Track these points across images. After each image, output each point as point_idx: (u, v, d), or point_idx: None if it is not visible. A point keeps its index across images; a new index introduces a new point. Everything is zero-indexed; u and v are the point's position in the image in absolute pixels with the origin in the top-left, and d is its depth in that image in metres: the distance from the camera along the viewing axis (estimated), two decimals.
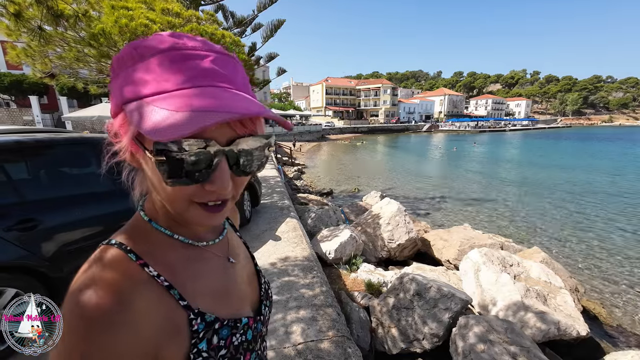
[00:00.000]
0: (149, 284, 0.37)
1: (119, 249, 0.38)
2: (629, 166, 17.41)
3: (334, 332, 2.00)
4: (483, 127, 66.30)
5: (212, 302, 0.43)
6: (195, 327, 0.39)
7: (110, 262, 0.37)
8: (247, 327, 0.47)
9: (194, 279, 0.43)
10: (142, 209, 0.44)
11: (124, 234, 0.41)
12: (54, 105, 22.80)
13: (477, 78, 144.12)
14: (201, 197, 0.36)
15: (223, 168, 0.35)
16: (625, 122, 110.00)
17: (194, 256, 0.45)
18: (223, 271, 0.49)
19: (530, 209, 8.93)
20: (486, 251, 3.58)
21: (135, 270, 0.37)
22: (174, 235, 0.43)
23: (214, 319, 0.41)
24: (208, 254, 0.47)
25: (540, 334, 2.59)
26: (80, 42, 3.77)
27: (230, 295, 0.48)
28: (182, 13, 4.08)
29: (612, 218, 8.07)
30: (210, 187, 0.35)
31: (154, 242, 0.42)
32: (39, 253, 2.02)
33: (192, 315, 0.39)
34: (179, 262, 0.42)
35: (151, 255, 0.39)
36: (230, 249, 0.53)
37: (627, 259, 5.68)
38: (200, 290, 0.42)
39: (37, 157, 2.21)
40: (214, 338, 0.41)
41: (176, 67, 0.34)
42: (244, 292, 0.52)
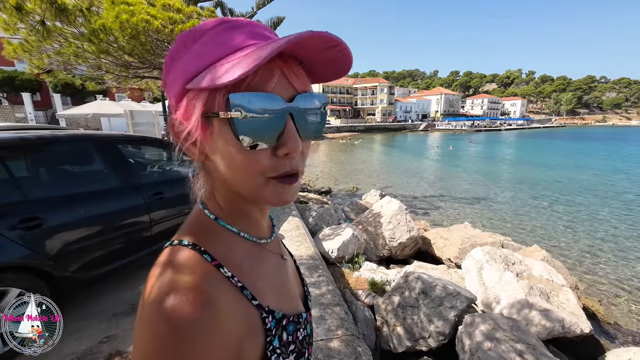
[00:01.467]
0: (226, 285, 0.37)
1: (193, 250, 0.37)
2: (622, 165, 17.67)
3: (343, 331, 1.99)
4: (479, 126, 66.75)
5: (276, 300, 0.44)
6: (268, 325, 0.39)
7: (188, 264, 0.35)
8: (306, 322, 0.48)
9: (259, 277, 0.43)
10: (205, 207, 0.43)
11: (192, 233, 0.40)
12: (47, 103, 22.47)
13: (473, 77, 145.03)
14: (275, 168, 0.36)
15: (290, 126, 0.36)
16: (618, 122, 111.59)
17: (256, 254, 0.45)
18: (279, 268, 0.49)
19: (527, 208, 9.01)
20: (489, 249, 3.60)
21: (213, 272, 0.36)
22: (240, 233, 0.43)
23: (282, 316, 0.42)
24: (267, 251, 0.47)
25: (545, 331, 2.62)
26: (80, 37, 3.71)
27: (288, 292, 0.49)
28: (184, 9, 4.03)
29: (605, 216, 8.19)
30: (283, 149, 0.35)
31: (222, 240, 0.41)
32: (42, 252, 1.99)
33: (264, 314, 0.39)
34: (245, 261, 0.42)
35: (222, 255, 0.39)
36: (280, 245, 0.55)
37: (622, 256, 5.77)
38: (265, 288, 0.43)
39: (40, 154, 2.17)
40: (284, 334, 0.42)
41: (229, 35, 0.36)
42: (295, 288, 0.54)
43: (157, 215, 2.72)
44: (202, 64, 0.35)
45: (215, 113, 0.34)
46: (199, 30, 0.36)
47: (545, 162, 19.48)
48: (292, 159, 0.37)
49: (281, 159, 0.36)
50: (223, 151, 0.36)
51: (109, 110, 11.50)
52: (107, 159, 2.57)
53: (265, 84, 0.34)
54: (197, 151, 0.38)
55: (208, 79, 0.32)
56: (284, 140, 0.35)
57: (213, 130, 0.36)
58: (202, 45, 0.35)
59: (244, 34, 0.36)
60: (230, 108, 0.33)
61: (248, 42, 0.35)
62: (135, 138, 2.94)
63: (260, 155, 0.36)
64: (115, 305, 2.48)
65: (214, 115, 0.34)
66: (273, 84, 0.34)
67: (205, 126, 0.36)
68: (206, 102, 0.34)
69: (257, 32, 0.37)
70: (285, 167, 0.37)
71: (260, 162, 0.36)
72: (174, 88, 0.37)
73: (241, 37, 0.35)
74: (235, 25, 0.37)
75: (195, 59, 0.35)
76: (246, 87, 0.33)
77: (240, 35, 0.36)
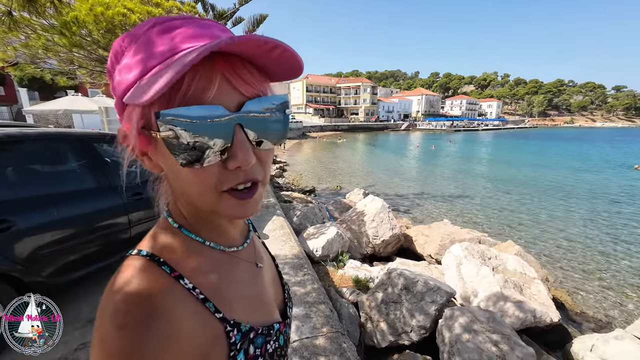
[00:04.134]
0: (185, 297, 0.35)
1: (151, 261, 0.36)
2: (587, 165, 18.85)
3: (328, 328, 2.02)
4: (458, 126, 68.98)
5: (245, 310, 0.42)
6: (232, 339, 0.37)
7: (143, 276, 0.34)
8: (278, 333, 0.46)
9: (227, 288, 0.41)
10: (169, 215, 0.41)
11: (153, 243, 0.39)
12: (11, 97, 21.07)
13: (452, 79, 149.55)
14: (228, 180, 0.34)
15: (240, 137, 0.32)
16: (584, 124, 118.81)
17: (224, 263, 0.43)
18: (253, 277, 0.47)
19: (502, 205, 9.43)
20: (467, 245, 3.75)
21: (169, 284, 0.35)
22: (205, 242, 0.41)
23: (249, 329, 0.40)
24: (237, 260, 0.45)
25: (518, 322, 2.77)
26: (50, 30, 3.51)
27: (261, 302, 0.47)
28: (163, 3, 3.91)
29: (574, 212, 8.71)
30: (234, 163, 0.33)
31: (185, 250, 0.39)
32: (11, 257, 1.87)
33: (228, 327, 0.37)
34: (211, 271, 0.40)
35: (183, 266, 0.37)
36: (256, 252, 0.52)
37: (588, 250, 6.16)
38: (233, 299, 0.41)
39: (9, 153, 2.04)
40: (250, 348, 0.40)
41: (162, 39, 0.32)
42: (271, 297, 0.51)
43: (136, 216, 2.63)
44: (134, 74, 0.31)
45: (150, 129, 0.32)
46: (133, 35, 0.33)
47: (520, 161, 20.44)
48: (247, 171, 0.34)
49: (233, 171, 0.34)
50: (170, 166, 0.34)
51: (81, 106, 10.91)
52: (82, 158, 2.46)
53: (204, 93, 0.30)
54: (152, 164, 0.37)
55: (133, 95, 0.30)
56: (234, 152, 0.32)
57: (158, 144, 0.33)
58: (134, 53, 0.32)
59: (178, 37, 0.32)
60: (160, 127, 0.30)
61: (182, 46, 0.31)
62: (111, 136, 2.83)
63: (208, 170, 0.33)
64: (91, 311, 2.38)
65: (148, 133, 0.32)
66: (212, 93, 0.30)
67: (150, 140, 0.33)
68: (143, 116, 0.32)
69: (194, 33, 0.33)
70: (238, 178, 0.34)
71: (209, 176, 0.33)
72: (116, 99, 0.35)
73: (175, 40, 0.32)
74: (170, 26, 0.33)
75: (127, 68, 0.32)
76: (182, 100, 0.30)
77: (174, 38, 0.32)
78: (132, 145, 0.34)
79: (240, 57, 0.33)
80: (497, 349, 2.23)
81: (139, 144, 0.34)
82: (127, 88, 0.32)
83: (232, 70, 0.32)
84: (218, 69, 0.31)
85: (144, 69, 0.31)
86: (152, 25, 0.33)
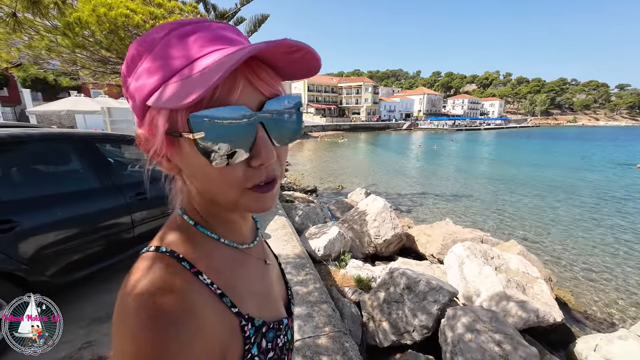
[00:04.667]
0: (205, 292, 0.36)
1: (171, 257, 0.37)
2: (589, 164, 18.74)
3: (331, 328, 2.03)
4: (460, 125, 68.78)
5: (257, 306, 0.44)
6: (247, 333, 0.39)
7: (166, 272, 0.35)
8: (287, 328, 0.48)
9: (240, 283, 0.43)
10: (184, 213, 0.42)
11: (170, 240, 0.40)
12: (15, 98, 21.20)
13: (454, 78, 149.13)
14: (251, 178, 0.36)
15: (262, 136, 0.34)
16: (587, 123, 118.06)
17: (238, 260, 0.44)
18: (262, 273, 0.49)
19: (504, 204, 9.40)
20: (469, 245, 3.74)
21: (191, 279, 0.36)
22: (220, 239, 0.42)
23: (262, 323, 0.42)
24: (249, 257, 0.47)
25: (521, 321, 2.76)
26: (53, 31, 3.53)
27: (270, 298, 0.49)
28: (165, 4, 3.92)
29: (578, 211, 8.66)
30: (257, 160, 0.34)
31: (201, 247, 0.41)
32: (16, 256, 1.89)
33: (243, 322, 0.39)
34: (226, 267, 0.42)
35: (201, 262, 0.38)
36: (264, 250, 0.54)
37: (592, 249, 6.14)
38: (245, 294, 0.42)
39: (13, 153, 2.06)
40: (263, 341, 0.41)
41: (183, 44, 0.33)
42: (278, 293, 0.53)
43: (139, 216, 2.65)
44: (157, 79, 0.32)
45: (178, 132, 0.33)
46: (151, 40, 0.34)
47: (522, 160, 20.35)
48: (267, 168, 0.36)
49: (256, 169, 0.35)
50: (195, 166, 0.35)
51: (84, 107, 10.97)
52: (85, 159, 2.47)
53: (229, 95, 0.32)
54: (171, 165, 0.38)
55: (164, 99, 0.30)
56: (257, 150, 0.34)
57: (182, 146, 0.34)
58: (155, 58, 0.33)
59: (198, 41, 0.33)
60: (193, 129, 0.31)
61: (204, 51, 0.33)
62: (114, 136, 2.85)
63: (234, 168, 0.34)
64: (95, 309, 2.39)
65: (178, 134, 0.33)
66: (237, 94, 0.32)
67: (173, 142, 0.35)
68: (169, 120, 0.33)
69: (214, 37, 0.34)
70: (261, 176, 0.36)
71: (234, 174, 0.35)
72: (134, 102, 0.35)
73: (196, 44, 0.33)
74: (187, 31, 0.34)
75: (149, 73, 0.33)
76: (208, 102, 0.31)
77: (194, 42, 0.33)
78: (157, 148, 0.35)
79: (257, 58, 0.34)
80: (500, 348, 2.23)
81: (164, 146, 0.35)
82: (151, 92, 0.32)
83: (252, 71, 0.33)
84: (240, 71, 0.32)
85: (167, 74, 0.32)
86: (169, 31, 0.34)
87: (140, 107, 0.35)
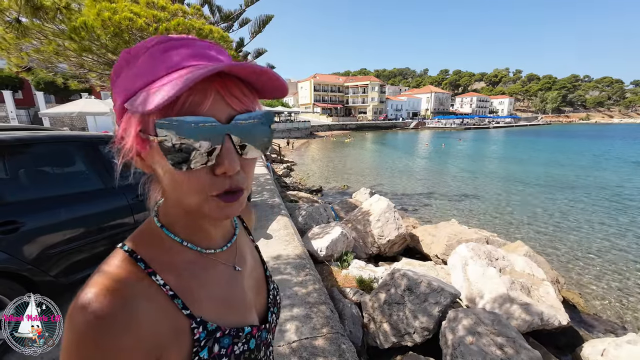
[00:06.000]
0: (154, 292, 0.38)
1: (129, 256, 0.39)
2: (604, 162, 18.24)
3: (328, 329, 2.02)
4: (468, 124, 67.77)
5: (216, 311, 0.44)
6: (197, 336, 0.40)
7: (119, 268, 0.38)
8: (249, 336, 0.47)
9: (200, 287, 0.44)
10: (157, 215, 0.45)
11: (136, 240, 0.43)
12: (29, 101, 21.75)
13: (462, 76, 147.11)
14: (214, 186, 0.37)
15: (228, 147, 0.37)
16: (600, 120, 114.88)
17: (200, 264, 0.45)
18: (228, 279, 0.49)
19: (513, 204, 9.23)
20: (473, 246, 3.68)
21: (142, 278, 0.38)
22: (183, 242, 0.44)
23: (215, 328, 0.42)
24: (215, 262, 0.48)
25: (524, 324, 2.70)
26: (60, 35, 3.61)
27: (234, 304, 0.49)
28: (168, 7, 3.97)
29: (591, 212, 8.44)
30: (220, 169, 0.36)
31: (164, 248, 0.43)
32: (21, 256, 1.94)
33: (194, 324, 0.40)
34: (185, 270, 0.43)
35: (159, 263, 0.41)
36: (238, 255, 0.53)
37: (604, 251, 5.97)
38: (204, 299, 0.43)
39: (18, 156, 2.11)
40: (215, 346, 0.42)
41: (164, 57, 0.36)
42: (249, 300, 0.53)
43: (142, 216, 2.69)
44: (138, 84, 0.36)
45: (147, 134, 0.35)
46: (139, 48, 0.37)
47: (531, 159, 19.95)
48: (232, 178, 0.38)
49: (220, 177, 0.37)
50: (163, 167, 0.37)
51: (94, 108, 11.20)
52: (89, 160, 2.52)
53: (199, 106, 0.34)
54: (144, 164, 0.41)
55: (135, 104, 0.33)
56: (221, 159, 0.36)
57: (152, 147, 0.37)
58: (140, 65, 0.36)
59: (180, 55, 0.36)
60: (157, 133, 0.34)
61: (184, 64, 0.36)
62: None
63: (199, 174, 0.37)
64: None
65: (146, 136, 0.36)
66: (207, 106, 0.35)
67: (145, 142, 0.37)
68: (141, 122, 0.36)
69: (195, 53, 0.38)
70: (225, 185, 0.38)
71: (199, 180, 0.37)
72: (116, 104, 0.39)
73: (177, 58, 0.36)
74: (174, 45, 0.37)
75: (133, 78, 0.36)
76: (179, 110, 0.34)
77: (176, 56, 0.36)
78: (129, 145, 0.38)
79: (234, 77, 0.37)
80: (502, 352, 2.19)
81: (135, 145, 0.37)
82: (131, 95, 0.36)
83: (225, 88, 0.36)
84: (213, 86, 0.35)
85: (147, 81, 0.35)
86: (155, 44, 0.37)
87: (120, 109, 0.38)
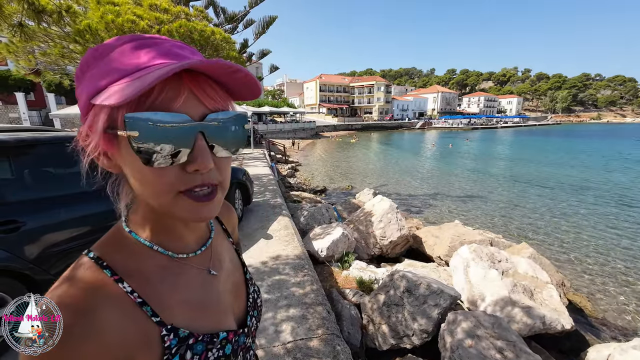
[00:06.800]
0: (120, 299, 0.37)
1: (94, 263, 0.38)
2: (615, 164, 17.83)
3: (324, 330, 2.01)
4: (475, 124, 66.99)
5: (189, 317, 0.43)
6: (167, 343, 0.39)
7: (82, 275, 0.37)
8: (225, 342, 0.45)
9: (171, 293, 0.42)
10: (126, 219, 0.44)
11: (102, 245, 0.42)
12: (41, 102, 22.27)
13: (469, 75, 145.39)
14: (186, 182, 0.37)
15: (201, 144, 0.36)
16: (613, 120, 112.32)
17: (172, 269, 0.44)
18: (202, 284, 0.48)
19: (519, 205, 9.08)
20: (475, 247, 3.63)
21: (107, 285, 0.37)
22: (154, 247, 0.43)
23: (187, 335, 0.41)
24: (187, 266, 0.46)
25: (526, 328, 2.65)
26: (65, 38, 3.68)
27: (208, 309, 0.47)
28: (171, 9, 4.01)
29: (599, 213, 8.26)
30: (192, 166, 0.36)
31: (132, 253, 0.41)
32: (22, 255, 1.98)
33: (164, 332, 0.39)
34: (155, 275, 0.42)
35: (127, 269, 0.39)
36: (214, 258, 0.52)
37: (613, 253, 5.83)
38: (176, 305, 0.42)
39: (20, 157, 2.16)
40: (187, 353, 0.40)
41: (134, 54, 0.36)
42: (226, 305, 0.51)
43: None
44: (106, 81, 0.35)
45: (115, 130, 0.35)
46: (108, 46, 0.37)
47: (539, 160, 19.61)
48: (204, 175, 0.37)
49: (191, 174, 0.37)
50: (132, 165, 0.36)
51: None
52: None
53: (172, 103, 0.34)
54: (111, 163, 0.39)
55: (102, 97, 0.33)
56: (194, 157, 0.36)
57: (120, 144, 0.36)
58: (109, 62, 0.36)
59: (151, 53, 0.36)
60: (127, 127, 0.33)
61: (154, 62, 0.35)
62: None
63: (170, 172, 0.36)
64: None
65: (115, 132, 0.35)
66: (180, 103, 0.35)
67: (112, 140, 0.36)
68: (109, 117, 0.35)
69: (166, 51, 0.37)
70: (196, 181, 0.37)
71: (168, 177, 0.36)
72: (81, 100, 0.38)
73: (147, 56, 0.36)
74: (144, 44, 0.37)
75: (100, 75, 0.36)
76: (150, 105, 0.33)
77: (147, 54, 0.36)
78: (95, 143, 0.37)
79: (207, 77, 0.38)
80: (502, 355, 2.15)
81: (102, 142, 0.36)
82: (98, 91, 0.35)
83: (199, 86, 0.37)
84: (186, 84, 0.35)
85: (116, 77, 0.34)
86: (128, 40, 0.37)
87: (85, 105, 0.37)
